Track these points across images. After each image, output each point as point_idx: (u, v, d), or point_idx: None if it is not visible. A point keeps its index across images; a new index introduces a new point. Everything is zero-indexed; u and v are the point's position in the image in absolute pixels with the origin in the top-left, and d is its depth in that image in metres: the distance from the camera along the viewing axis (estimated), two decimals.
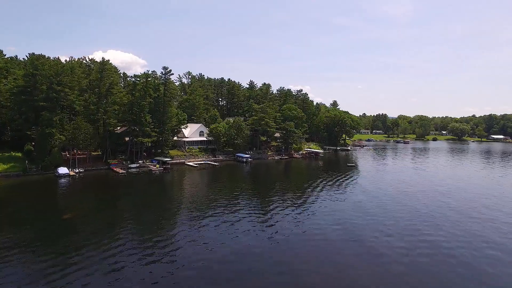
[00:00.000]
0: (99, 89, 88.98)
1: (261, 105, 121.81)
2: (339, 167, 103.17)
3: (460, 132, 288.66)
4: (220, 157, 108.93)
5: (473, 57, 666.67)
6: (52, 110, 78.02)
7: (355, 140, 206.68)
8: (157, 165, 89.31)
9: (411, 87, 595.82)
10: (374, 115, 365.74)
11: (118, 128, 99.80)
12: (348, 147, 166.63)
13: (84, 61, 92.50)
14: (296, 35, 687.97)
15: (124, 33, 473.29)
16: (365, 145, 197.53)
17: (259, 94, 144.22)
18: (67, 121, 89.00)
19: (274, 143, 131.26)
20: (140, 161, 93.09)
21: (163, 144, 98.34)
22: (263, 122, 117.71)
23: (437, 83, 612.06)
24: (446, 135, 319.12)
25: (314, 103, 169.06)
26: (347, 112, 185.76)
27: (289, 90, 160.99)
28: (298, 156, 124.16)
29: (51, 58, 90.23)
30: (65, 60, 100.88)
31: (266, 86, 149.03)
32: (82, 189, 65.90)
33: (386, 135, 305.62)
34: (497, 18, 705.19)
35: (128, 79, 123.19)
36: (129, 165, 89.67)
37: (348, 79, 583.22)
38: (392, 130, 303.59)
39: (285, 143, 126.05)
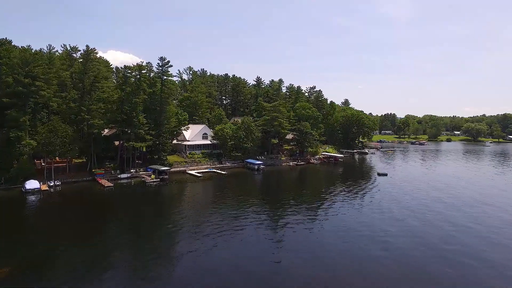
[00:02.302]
0: (83, 83, 73.45)
1: (273, 103, 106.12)
2: (368, 177, 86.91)
3: (476, 132, 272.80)
4: (227, 164, 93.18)
5: (472, 58, 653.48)
6: (20, 108, 62.38)
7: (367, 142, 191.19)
8: (153, 176, 73.61)
9: (411, 87, 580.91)
10: (382, 115, 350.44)
11: (107, 130, 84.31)
12: (365, 149, 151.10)
13: (65, 50, 76.72)
14: (296, 35, 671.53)
15: (124, 34, 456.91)
16: (381, 147, 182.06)
17: (269, 91, 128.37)
18: (45, 121, 73.94)
19: (286, 147, 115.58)
20: (132, 170, 77.52)
21: (160, 149, 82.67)
22: (276, 123, 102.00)
23: (437, 83, 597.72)
24: (459, 135, 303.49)
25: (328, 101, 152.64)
26: (362, 111, 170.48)
27: (299, 87, 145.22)
28: (315, 161, 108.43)
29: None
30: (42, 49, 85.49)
31: (278, 82, 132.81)
32: (51, 212, 50.10)
33: (396, 136, 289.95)
34: (497, 19, 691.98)
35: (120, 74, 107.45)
36: (119, 175, 74.18)
37: (348, 79, 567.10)
38: (403, 130, 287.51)
39: (301, 147, 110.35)
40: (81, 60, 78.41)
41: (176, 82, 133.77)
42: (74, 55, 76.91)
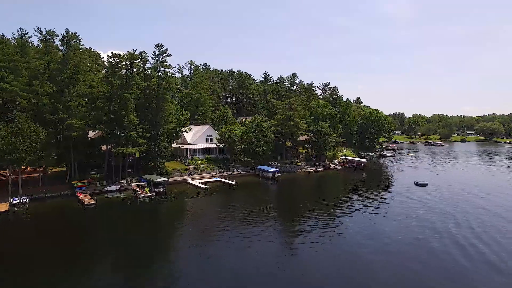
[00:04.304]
0: (61, 75, 59.65)
1: (287, 100, 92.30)
2: (404, 187, 72.29)
3: (492, 132, 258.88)
4: (236, 171, 79.33)
5: (473, 58, 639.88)
6: None
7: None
8: (147, 189, 59.80)
9: (411, 87, 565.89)
10: (390, 114, 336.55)
11: (94, 133, 70.51)
12: (385, 152, 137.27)
13: (40, 35, 62.87)
14: (296, 36, 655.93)
15: (124, 34, 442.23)
16: (397, 149, 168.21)
17: (278, 88, 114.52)
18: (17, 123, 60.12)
19: (301, 150, 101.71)
20: (122, 181, 63.78)
21: (156, 154, 68.87)
22: (291, 123, 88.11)
23: (437, 83, 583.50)
24: (472, 135, 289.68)
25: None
26: (377, 110, 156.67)
27: (311, 84, 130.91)
28: (335, 166, 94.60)
29: None
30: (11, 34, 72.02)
31: (292, 77, 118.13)
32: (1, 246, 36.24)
33: (407, 136, 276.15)
34: (497, 18, 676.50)
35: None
36: (105, 188, 60.52)
37: (348, 79, 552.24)
38: (415, 130, 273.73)
39: (318, 150, 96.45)
40: (61, 47, 64.77)
41: (177, 77, 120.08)
42: (52, 41, 63.23)
